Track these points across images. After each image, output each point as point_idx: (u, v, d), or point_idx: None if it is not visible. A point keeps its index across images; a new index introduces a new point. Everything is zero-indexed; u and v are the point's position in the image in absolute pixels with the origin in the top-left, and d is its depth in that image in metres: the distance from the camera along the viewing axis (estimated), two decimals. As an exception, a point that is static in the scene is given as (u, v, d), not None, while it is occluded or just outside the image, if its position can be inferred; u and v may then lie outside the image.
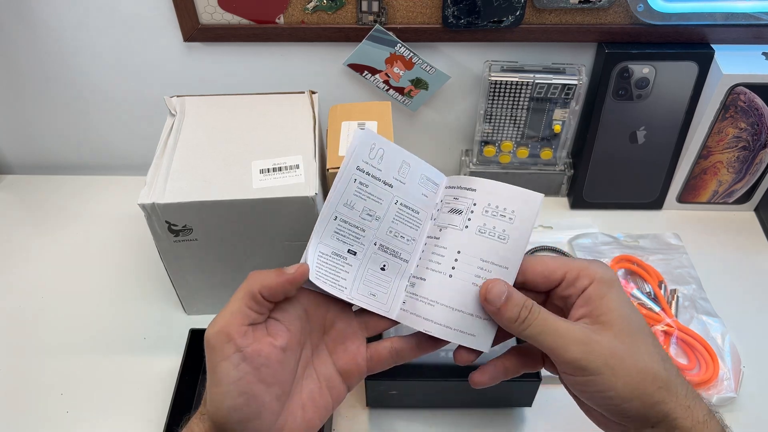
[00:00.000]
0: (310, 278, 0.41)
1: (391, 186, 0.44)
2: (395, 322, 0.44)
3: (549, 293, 0.43)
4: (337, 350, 0.44)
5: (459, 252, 0.43)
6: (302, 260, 0.42)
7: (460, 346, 0.43)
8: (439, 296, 0.43)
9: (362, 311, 0.44)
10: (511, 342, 0.47)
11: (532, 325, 0.40)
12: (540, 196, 0.43)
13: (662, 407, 0.39)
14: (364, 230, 0.44)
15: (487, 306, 0.41)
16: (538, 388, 0.57)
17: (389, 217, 0.44)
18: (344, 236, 0.43)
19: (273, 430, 0.40)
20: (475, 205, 0.44)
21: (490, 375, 0.45)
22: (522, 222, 0.43)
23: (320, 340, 0.44)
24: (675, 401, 0.39)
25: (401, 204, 0.44)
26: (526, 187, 0.43)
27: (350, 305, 0.44)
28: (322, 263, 0.43)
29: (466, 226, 0.43)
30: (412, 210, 0.45)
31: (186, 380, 0.60)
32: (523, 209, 0.43)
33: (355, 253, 0.44)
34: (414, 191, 0.45)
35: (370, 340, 0.45)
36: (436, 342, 0.44)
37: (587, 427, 0.60)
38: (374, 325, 0.45)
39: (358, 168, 0.43)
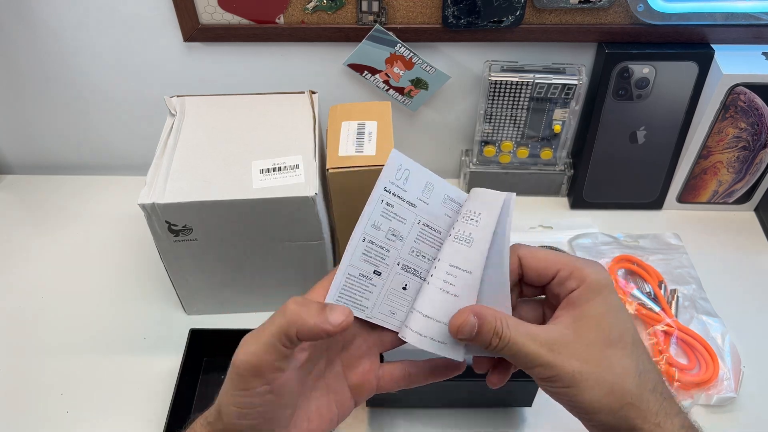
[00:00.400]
0: (330, 301, 0.42)
1: (414, 206, 0.44)
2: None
3: (544, 287, 0.43)
4: (352, 365, 0.43)
5: (438, 260, 0.44)
6: (331, 288, 0.42)
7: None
8: (421, 306, 0.43)
9: (379, 327, 0.44)
10: None
11: (503, 349, 0.40)
12: (503, 195, 0.43)
13: (629, 422, 0.39)
14: (388, 250, 0.44)
15: (460, 338, 0.41)
16: (538, 388, 0.57)
17: (412, 237, 0.44)
18: (371, 257, 0.44)
19: None
20: (459, 213, 0.44)
21: (504, 375, 0.45)
22: (486, 223, 0.43)
23: (337, 354, 0.43)
24: (643, 417, 0.39)
25: (423, 224, 0.45)
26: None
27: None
28: (349, 284, 0.43)
29: (449, 235, 0.44)
30: (434, 230, 0.45)
31: (186, 380, 0.60)
32: (488, 211, 0.43)
33: (379, 274, 0.44)
34: (437, 211, 0.45)
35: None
36: (447, 369, 0.44)
37: (586, 428, 0.60)
38: (390, 341, 0.44)
39: (385, 189, 0.44)
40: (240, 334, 0.60)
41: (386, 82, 0.73)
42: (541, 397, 0.59)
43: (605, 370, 0.39)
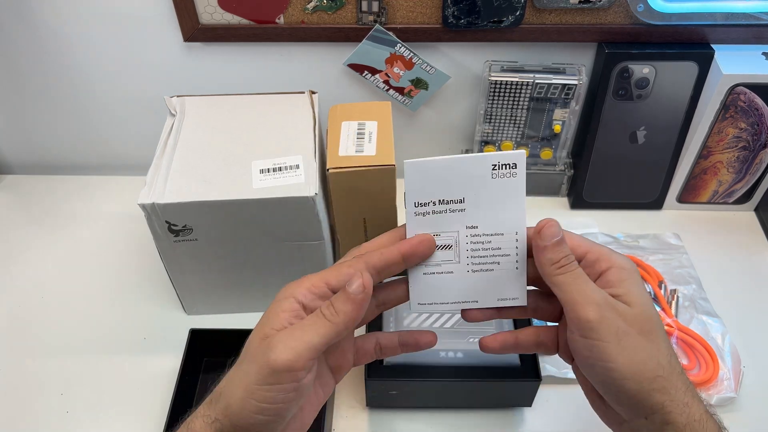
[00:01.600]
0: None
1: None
2: (381, 312, 0.46)
3: None
4: (330, 349, 0.43)
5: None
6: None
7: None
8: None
9: None
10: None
11: (566, 273, 0.40)
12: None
13: (658, 397, 0.39)
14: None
15: (537, 240, 0.41)
16: (538, 388, 0.57)
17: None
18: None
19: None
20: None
21: (500, 343, 0.46)
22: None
23: None
24: (672, 394, 0.39)
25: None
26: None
27: None
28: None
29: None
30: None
31: (186, 380, 0.60)
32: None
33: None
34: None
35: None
36: (418, 342, 0.46)
37: (586, 428, 0.60)
38: (367, 318, 0.45)
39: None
40: (240, 333, 0.60)
41: (386, 82, 0.73)
42: (541, 397, 0.59)
43: (645, 340, 0.39)
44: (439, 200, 0.44)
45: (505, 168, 0.43)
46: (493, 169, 0.43)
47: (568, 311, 0.40)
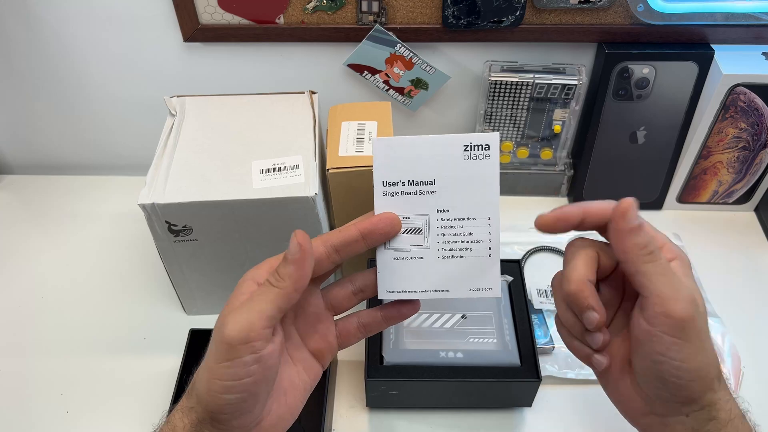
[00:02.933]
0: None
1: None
2: (360, 300, 0.45)
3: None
4: (308, 333, 0.43)
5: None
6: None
7: None
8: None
9: (326, 290, 0.44)
10: None
11: (656, 262, 0.37)
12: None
13: (711, 396, 0.38)
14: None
15: (621, 223, 0.39)
16: (538, 388, 0.57)
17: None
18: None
19: (260, 418, 0.40)
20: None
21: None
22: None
23: (291, 325, 0.43)
24: (723, 392, 0.39)
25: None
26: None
27: (317, 287, 0.44)
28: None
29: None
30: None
31: (186, 380, 0.60)
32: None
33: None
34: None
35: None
36: (401, 312, 0.44)
37: (586, 427, 0.60)
38: (339, 304, 0.44)
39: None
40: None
41: (386, 82, 0.73)
42: (541, 397, 0.59)
43: (709, 341, 0.38)
44: (409, 181, 0.42)
45: (478, 149, 0.42)
46: (465, 150, 0.42)
47: (653, 304, 0.37)
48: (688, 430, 0.39)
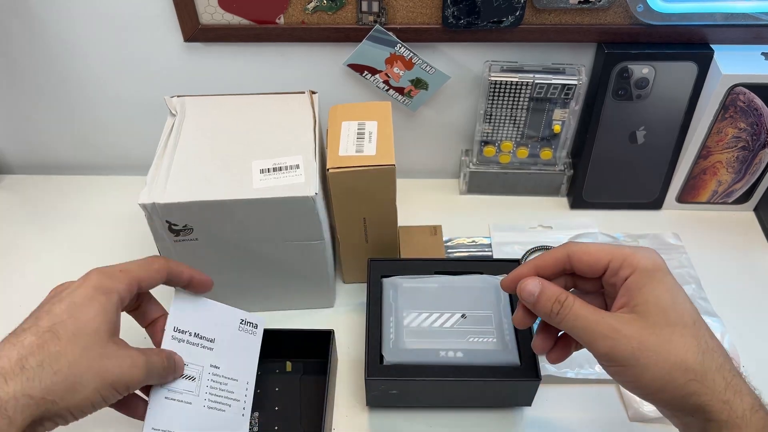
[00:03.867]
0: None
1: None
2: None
3: (600, 278, 0.45)
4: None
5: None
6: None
7: None
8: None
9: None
10: None
11: (564, 319, 0.42)
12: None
13: (695, 399, 0.39)
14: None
15: (524, 303, 0.45)
16: (538, 387, 0.57)
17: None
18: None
19: None
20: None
21: (564, 352, 0.47)
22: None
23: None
24: (710, 394, 0.39)
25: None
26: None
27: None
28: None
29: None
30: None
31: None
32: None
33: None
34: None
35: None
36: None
37: (586, 427, 0.60)
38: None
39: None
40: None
41: (386, 82, 0.73)
42: (541, 396, 0.59)
43: (666, 349, 0.39)
44: (195, 333, 0.50)
45: (249, 326, 0.53)
46: (240, 323, 0.53)
47: (587, 347, 0.42)
48: (698, 429, 0.40)
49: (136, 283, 0.46)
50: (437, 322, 0.58)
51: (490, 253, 0.74)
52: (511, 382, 0.56)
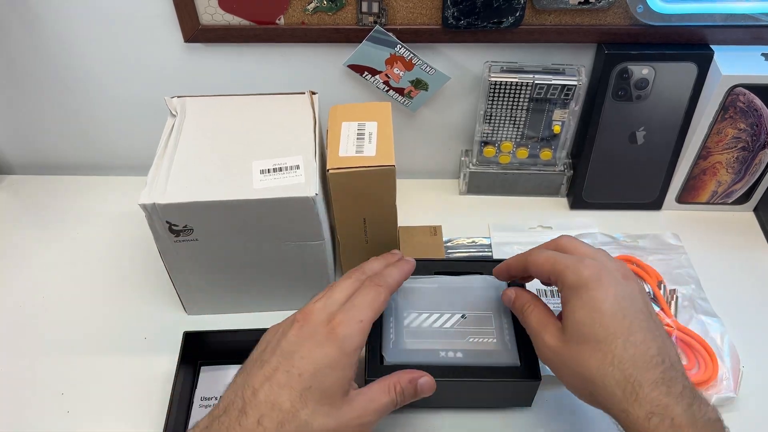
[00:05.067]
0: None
1: None
2: None
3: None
4: None
5: None
6: None
7: None
8: None
9: None
10: None
11: (526, 320, 0.52)
12: None
13: (601, 406, 0.45)
14: None
15: (506, 299, 0.56)
16: (537, 388, 0.57)
17: None
18: None
19: None
20: None
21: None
22: None
23: None
24: (608, 404, 0.44)
25: None
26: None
27: None
28: None
29: None
30: None
31: (183, 381, 0.60)
32: None
33: None
34: None
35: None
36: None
37: (586, 428, 0.60)
38: None
39: None
40: (236, 334, 0.60)
41: (386, 82, 0.73)
42: (540, 397, 0.60)
43: (576, 363, 0.46)
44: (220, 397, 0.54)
45: None
46: None
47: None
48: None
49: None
50: (437, 322, 0.58)
51: (490, 254, 0.74)
52: (510, 382, 0.56)
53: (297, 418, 0.42)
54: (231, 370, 0.59)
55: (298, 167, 0.58)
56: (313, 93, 0.66)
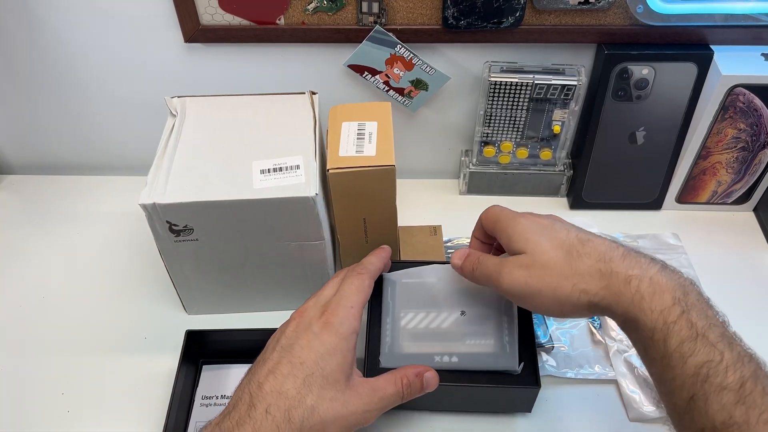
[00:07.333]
0: None
1: None
2: None
3: None
4: None
5: None
6: None
7: None
8: None
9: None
10: None
11: (477, 271, 0.52)
12: None
13: (578, 308, 0.47)
14: None
15: (455, 268, 0.55)
16: (538, 394, 0.56)
17: None
18: None
19: None
20: None
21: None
22: None
23: None
24: (589, 294, 0.46)
25: None
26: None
27: None
28: None
29: None
30: None
31: (185, 380, 0.60)
32: None
33: None
34: None
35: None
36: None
37: (586, 428, 0.60)
38: None
39: None
40: (238, 333, 0.60)
41: (386, 83, 0.73)
42: (541, 403, 0.59)
43: (542, 275, 0.47)
44: (221, 396, 0.60)
45: None
46: None
47: (496, 289, 0.51)
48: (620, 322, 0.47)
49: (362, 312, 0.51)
50: (435, 322, 0.58)
51: (489, 254, 0.74)
52: (511, 387, 0.56)
53: (303, 403, 0.45)
54: (233, 369, 0.60)
55: (298, 167, 0.58)
56: (313, 93, 0.66)
